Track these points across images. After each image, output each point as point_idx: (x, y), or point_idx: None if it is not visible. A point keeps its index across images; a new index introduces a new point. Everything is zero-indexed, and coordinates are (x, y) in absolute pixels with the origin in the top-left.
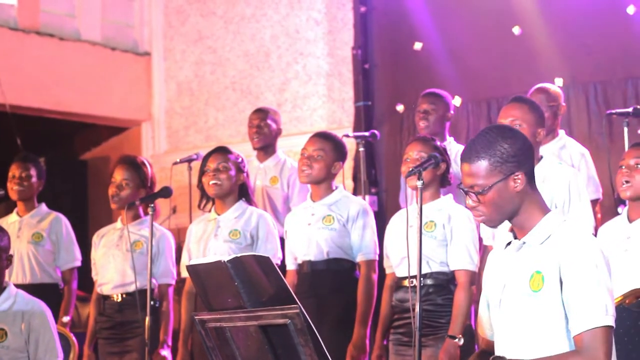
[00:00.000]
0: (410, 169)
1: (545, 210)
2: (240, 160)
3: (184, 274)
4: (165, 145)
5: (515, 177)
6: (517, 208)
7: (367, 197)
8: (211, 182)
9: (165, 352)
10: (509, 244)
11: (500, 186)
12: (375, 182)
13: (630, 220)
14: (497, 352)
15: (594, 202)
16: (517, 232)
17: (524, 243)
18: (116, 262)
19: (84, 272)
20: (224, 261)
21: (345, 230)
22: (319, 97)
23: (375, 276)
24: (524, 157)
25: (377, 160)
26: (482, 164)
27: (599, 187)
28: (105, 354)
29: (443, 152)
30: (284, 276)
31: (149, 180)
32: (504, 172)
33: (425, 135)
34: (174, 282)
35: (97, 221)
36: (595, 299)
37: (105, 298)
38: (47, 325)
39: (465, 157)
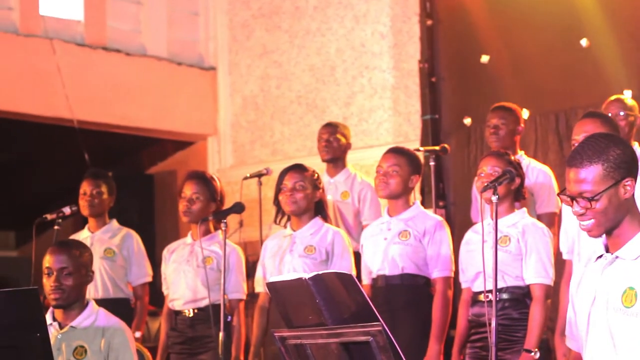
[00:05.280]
0: (486, 184)
1: None
2: (316, 177)
3: (258, 288)
4: (231, 159)
5: (626, 183)
6: (622, 217)
7: (435, 210)
8: (288, 202)
9: None
10: (600, 256)
11: (611, 192)
12: (443, 196)
13: None
14: None
15: None
16: (610, 245)
17: (617, 257)
18: (187, 278)
19: (153, 287)
20: (305, 278)
21: (421, 246)
22: (385, 111)
23: (451, 293)
24: (633, 165)
25: (445, 173)
26: (595, 170)
27: None
28: None
29: (517, 167)
30: None
31: (218, 194)
32: (616, 178)
33: (499, 150)
34: (244, 297)
35: (164, 236)
36: None
37: (177, 313)
38: (127, 345)
39: (575, 163)
